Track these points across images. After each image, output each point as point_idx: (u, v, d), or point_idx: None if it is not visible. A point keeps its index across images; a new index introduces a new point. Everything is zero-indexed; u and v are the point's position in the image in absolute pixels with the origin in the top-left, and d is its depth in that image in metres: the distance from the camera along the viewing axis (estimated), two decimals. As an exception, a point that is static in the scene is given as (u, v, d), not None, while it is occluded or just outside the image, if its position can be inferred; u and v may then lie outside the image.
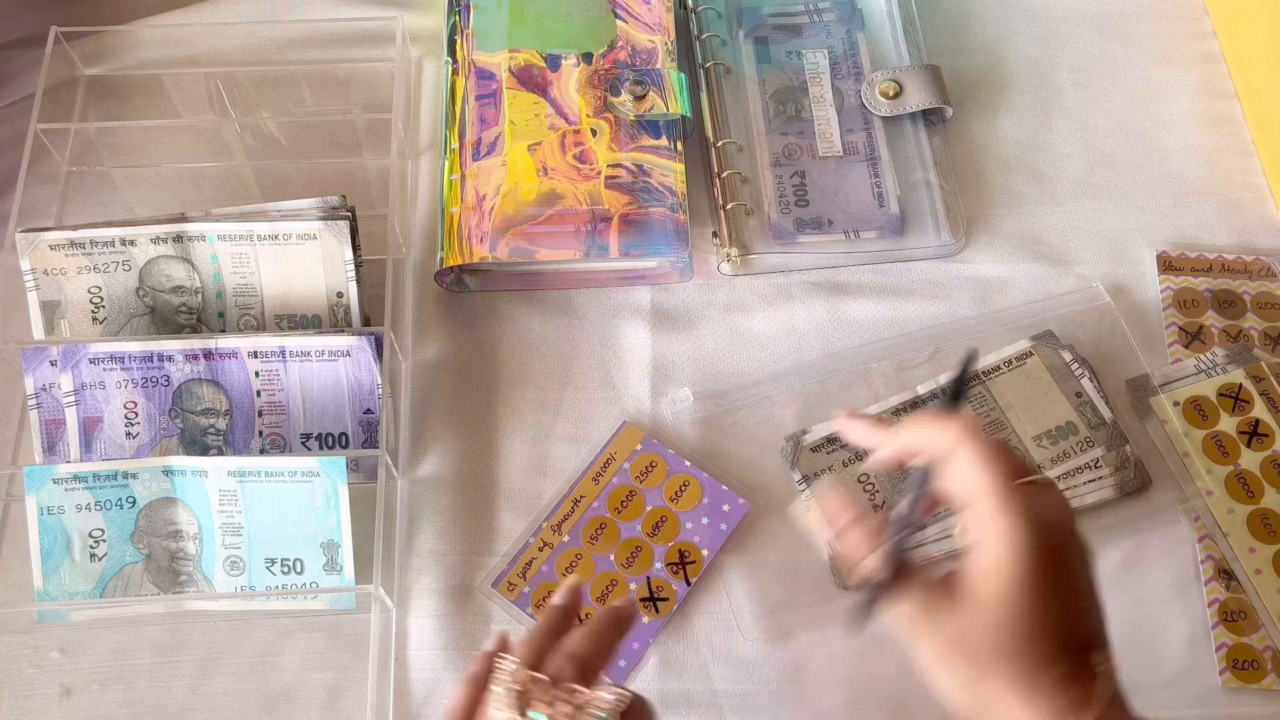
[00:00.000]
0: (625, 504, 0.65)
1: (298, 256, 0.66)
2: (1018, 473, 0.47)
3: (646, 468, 0.66)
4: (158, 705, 0.61)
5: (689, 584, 0.63)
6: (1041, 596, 0.46)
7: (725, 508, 0.65)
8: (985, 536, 0.47)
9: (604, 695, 0.48)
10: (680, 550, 0.64)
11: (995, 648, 0.46)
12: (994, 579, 0.47)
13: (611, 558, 0.64)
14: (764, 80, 0.77)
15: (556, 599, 0.54)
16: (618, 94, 0.73)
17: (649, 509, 0.65)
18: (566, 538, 0.64)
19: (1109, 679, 0.46)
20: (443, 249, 0.69)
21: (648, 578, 0.63)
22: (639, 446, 0.67)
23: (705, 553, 0.64)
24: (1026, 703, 0.46)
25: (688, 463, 0.66)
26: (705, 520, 0.64)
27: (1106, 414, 0.65)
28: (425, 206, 0.75)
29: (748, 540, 0.64)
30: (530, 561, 0.64)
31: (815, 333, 0.70)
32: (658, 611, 0.62)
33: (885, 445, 0.52)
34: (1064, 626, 0.47)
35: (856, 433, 0.54)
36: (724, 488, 0.65)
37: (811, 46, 0.78)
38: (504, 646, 0.53)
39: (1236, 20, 0.79)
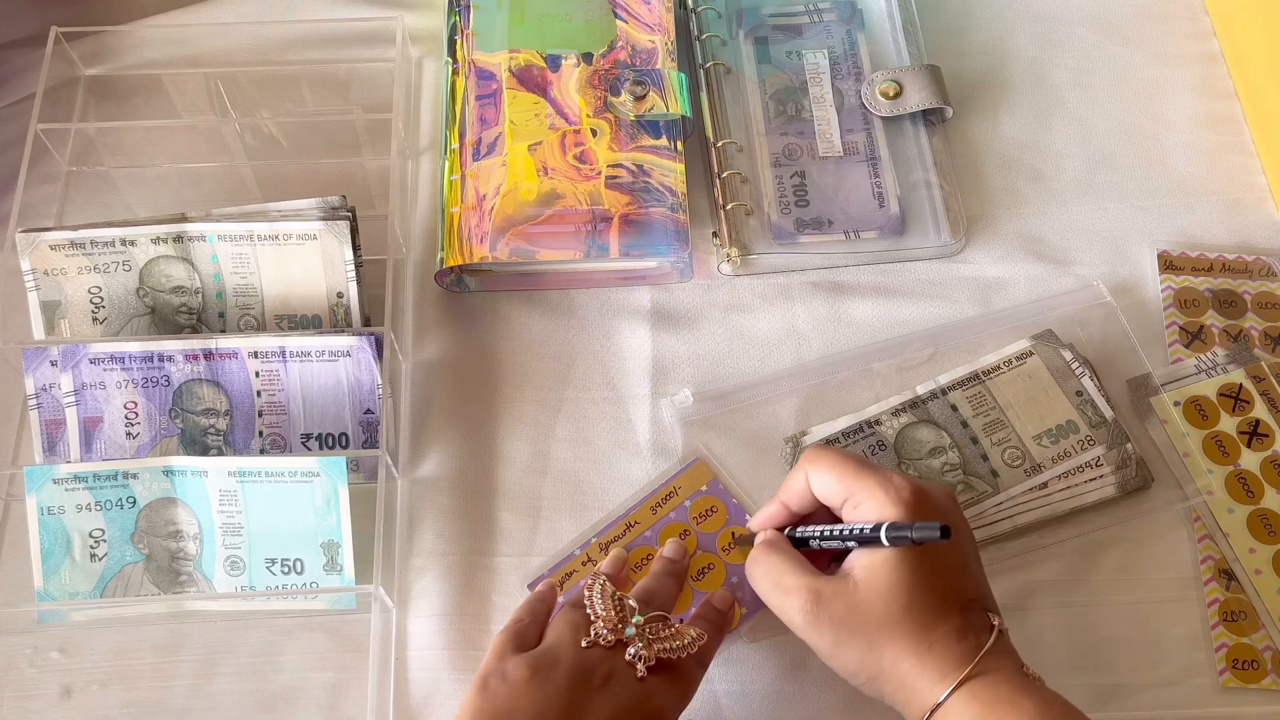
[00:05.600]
0: None
1: (298, 257, 0.66)
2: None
3: (707, 511, 0.64)
4: (158, 705, 0.61)
5: None
6: (918, 563, 0.51)
7: None
8: (863, 519, 0.53)
9: (689, 630, 0.53)
10: None
11: (884, 615, 0.50)
12: (874, 555, 0.51)
13: None
14: (764, 80, 0.77)
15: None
16: (618, 94, 0.73)
17: (699, 552, 0.63)
18: None
19: (997, 632, 0.51)
20: (443, 249, 0.69)
21: (680, 619, 0.61)
22: (704, 487, 0.64)
23: (743, 611, 0.61)
24: (923, 658, 0.50)
25: (749, 516, 0.64)
26: None
27: (1107, 412, 0.65)
28: (425, 206, 0.75)
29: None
30: (571, 574, 0.63)
31: (815, 333, 0.70)
32: None
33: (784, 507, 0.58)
34: (945, 587, 0.51)
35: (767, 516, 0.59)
36: None
37: (811, 46, 0.78)
38: (553, 593, 0.60)
39: (1236, 20, 0.79)
